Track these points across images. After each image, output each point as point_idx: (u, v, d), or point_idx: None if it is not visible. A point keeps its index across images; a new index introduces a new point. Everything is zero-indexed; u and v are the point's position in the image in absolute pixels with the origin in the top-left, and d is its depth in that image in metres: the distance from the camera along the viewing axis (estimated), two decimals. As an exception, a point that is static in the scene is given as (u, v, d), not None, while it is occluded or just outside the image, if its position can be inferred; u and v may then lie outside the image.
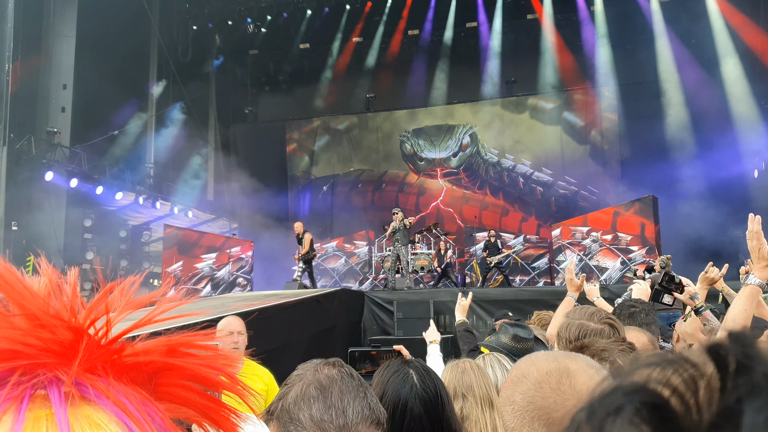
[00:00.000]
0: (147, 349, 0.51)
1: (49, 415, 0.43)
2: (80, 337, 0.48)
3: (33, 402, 0.44)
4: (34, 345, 0.46)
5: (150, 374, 0.50)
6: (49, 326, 0.47)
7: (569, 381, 0.94)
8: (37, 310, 0.48)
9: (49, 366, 0.46)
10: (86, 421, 0.44)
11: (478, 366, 2.40)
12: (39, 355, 0.46)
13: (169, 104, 18.48)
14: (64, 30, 14.68)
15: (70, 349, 0.47)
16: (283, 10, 20.65)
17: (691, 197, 15.72)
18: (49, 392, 0.44)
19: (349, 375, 1.28)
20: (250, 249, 17.40)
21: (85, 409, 0.45)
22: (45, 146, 13.89)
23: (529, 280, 17.61)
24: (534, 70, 19.88)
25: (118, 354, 0.49)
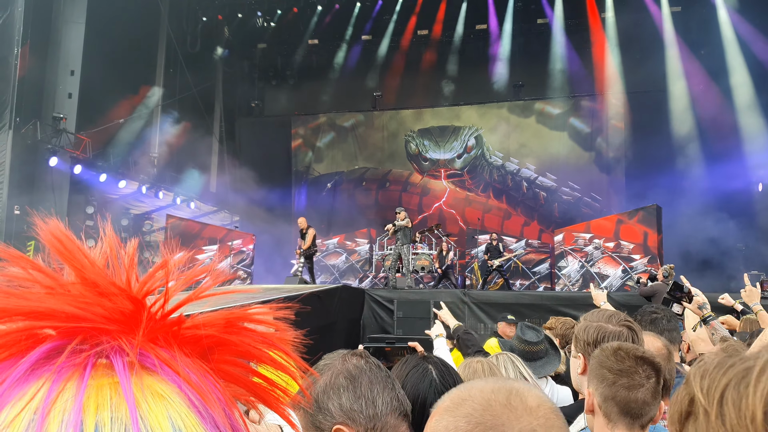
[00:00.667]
0: (207, 321, 0.50)
1: (112, 384, 0.42)
2: (141, 307, 0.48)
3: (96, 370, 0.43)
4: (96, 312, 0.45)
5: (206, 349, 0.50)
6: (109, 295, 0.47)
7: (519, 397, 0.85)
8: (96, 277, 0.48)
9: (112, 334, 0.45)
10: (149, 391, 0.43)
11: (490, 368, 2.39)
12: (101, 323, 0.45)
13: (176, 95, 18.44)
14: (73, 16, 14.66)
15: (131, 319, 0.47)
16: (293, 4, 20.62)
17: (695, 208, 15.70)
18: (112, 361, 0.44)
19: (377, 366, 1.27)
20: (251, 242, 17.39)
21: (147, 379, 0.44)
22: (50, 132, 13.87)
23: (529, 284, 17.61)
24: (542, 75, 19.86)
25: (179, 326, 0.49)
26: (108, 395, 0.42)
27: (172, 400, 0.44)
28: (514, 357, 2.95)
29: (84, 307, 0.45)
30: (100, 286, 0.48)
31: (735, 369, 0.65)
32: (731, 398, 0.62)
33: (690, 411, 0.68)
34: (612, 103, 19.11)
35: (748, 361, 0.65)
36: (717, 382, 0.65)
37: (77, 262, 0.49)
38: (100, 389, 0.42)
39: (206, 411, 0.45)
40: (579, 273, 15.38)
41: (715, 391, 0.64)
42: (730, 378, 0.64)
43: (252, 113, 23.19)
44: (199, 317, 0.50)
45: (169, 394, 0.44)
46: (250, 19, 21.17)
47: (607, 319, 2.27)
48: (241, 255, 16.91)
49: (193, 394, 0.45)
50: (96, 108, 15.08)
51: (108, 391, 0.42)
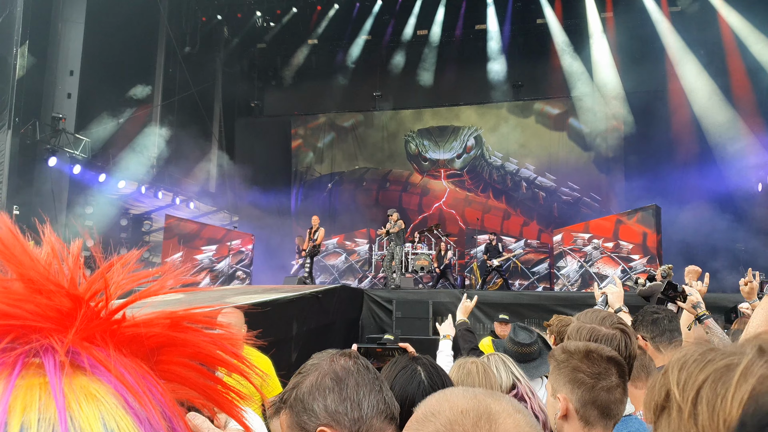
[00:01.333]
0: (149, 320, 0.49)
1: (42, 384, 0.41)
2: (79, 305, 0.47)
3: (26, 369, 0.42)
4: (28, 309, 0.44)
5: (151, 349, 0.48)
6: (46, 292, 0.46)
7: (489, 425, 0.77)
8: (35, 275, 0.47)
9: (44, 332, 0.44)
10: (82, 392, 0.42)
11: (484, 369, 2.39)
12: (33, 320, 0.44)
13: (176, 94, 18.44)
14: (73, 15, 14.66)
15: (68, 317, 0.46)
16: (292, 4, 20.62)
17: (695, 208, 15.69)
18: (43, 360, 0.43)
19: (365, 367, 1.26)
20: (250, 242, 17.39)
21: (81, 379, 0.43)
22: (50, 132, 13.87)
23: (528, 284, 17.59)
24: (541, 75, 19.87)
25: (118, 324, 0.48)
26: (37, 395, 0.41)
27: (106, 401, 0.42)
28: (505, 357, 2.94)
29: (15, 304, 0.44)
30: (36, 282, 0.46)
31: (715, 364, 0.60)
32: (706, 397, 0.58)
33: (665, 405, 0.65)
34: (611, 103, 19.09)
35: (729, 357, 0.60)
36: (694, 378, 0.61)
37: (14, 259, 0.47)
38: (30, 389, 0.41)
39: (143, 413, 0.43)
40: (578, 273, 15.38)
41: (690, 388, 0.60)
42: (709, 374, 0.60)
43: (251, 113, 23.18)
44: (140, 316, 0.49)
45: (103, 394, 0.43)
46: (249, 19, 21.16)
47: (600, 320, 2.26)
48: (240, 255, 16.91)
49: (129, 396, 0.44)
50: (95, 108, 15.08)
51: (38, 391, 0.41)
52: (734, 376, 0.57)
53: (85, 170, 14.52)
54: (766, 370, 0.56)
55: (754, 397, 0.54)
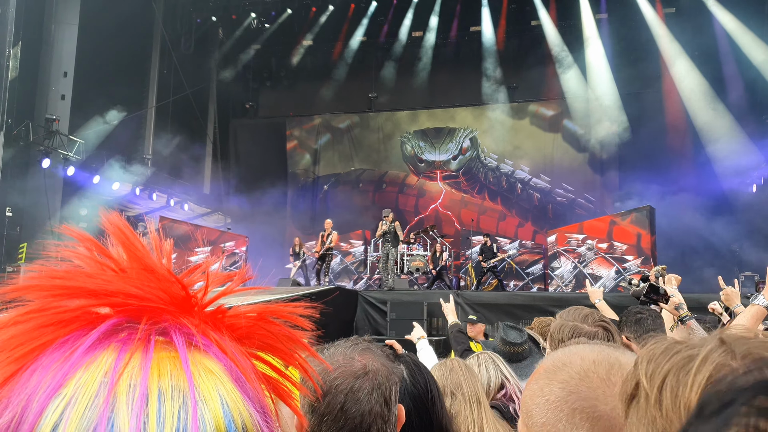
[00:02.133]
0: (245, 312, 0.57)
1: (170, 358, 0.49)
2: (191, 294, 0.55)
3: (156, 345, 0.49)
4: (157, 295, 0.52)
5: (240, 337, 0.56)
6: (164, 281, 0.53)
7: (620, 372, 0.84)
8: (154, 266, 0.55)
9: (173, 314, 0.52)
10: (202, 367, 0.49)
11: (466, 365, 2.40)
12: (162, 304, 0.52)
13: (170, 96, 18.42)
14: (66, 17, 14.63)
15: (185, 303, 0.54)
16: (287, 6, 20.64)
17: (689, 209, 15.72)
18: (173, 337, 0.50)
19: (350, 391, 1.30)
20: (244, 244, 17.36)
21: (199, 356, 0.50)
22: (43, 133, 13.85)
23: (523, 285, 17.61)
24: (536, 77, 19.87)
25: (223, 314, 0.56)
26: (168, 367, 0.48)
27: (221, 376, 0.50)
28: (495, 356, 2.94)
29: (147, 290, 0.51)
30: (157, 272, 0.54)
31: (679, 356, 0.65)
32: (670, 385, 0.62)
33: (634, 394, 0.69)
34: (605, 105, 19.12)
35: (692, 349, 0.64)
36: (660, 368, 0.65)
37: (138, 250, 0.55)
38: (161, 361, 0.48)
39: (246, 386, 0.51)
40: (572, 274, 15.39)
41: (657, 377, 0.65)
42: (673, 365, 0.64)
43: (246, 114, 23.15)
44: (241, 308, 0.58)
45: (218, 371, 0.50)
46: (244, 21, 21.15)
47: (582, 318, 2.25)
48: (234, 257, 16.88)
49: (237, 373, 0.51)
50: (89, 109, 15.05)
51: (168, 363, 0.48)
52: (694, 364, 0.61)
53: (79, 172, 14.49)
54: (723, 359, 0.60)
55: (710, 383, 0.58)
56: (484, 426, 2.21)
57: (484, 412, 2.25)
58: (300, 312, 0.61)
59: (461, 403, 2.23)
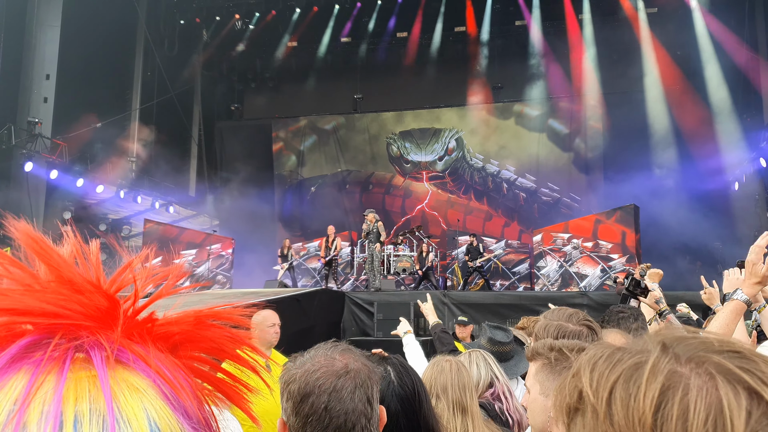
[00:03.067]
0: (179, 319, 0.53)
1: (89, 377, 0.44)
2: (115, 304, 0.50)
3: (73, 364, 0.45)
4: (74, 309, 0.48)
5: (175, 344, 0.52)
6: (85, 292, 0.49)
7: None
8: (73, 276, 0.50)
9: (90, 330, 0.48)
10: (125, 385, 0.45)
11: (457, 367, 2.38)
12: (79, 319, 0.47)
13: (154, 98, 18.30)
14: (48, 19, 14.50)
15: (107, 316, 0.49)
16: (271, 7, 20.55)
17: (673, 207, 15.85)
18: (91, 355, 0.46)
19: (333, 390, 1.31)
20: (230, 246, 17.29)
21: (123, 373, 0.46)
22: (26, 136, 13.71)
23: (509, 284, 17.66)
24: (520, 77, 19.96)
25: (152, 323, 0.52)
26: (86, 388, 0.44)
27: (147, 393, 0.46)
28: (486, 354, 2.95)
29: (62, 304, 0.47)
30: (75, 283, 0.49)
31: (624, 364, 0.61)
32: (620, 397, 0.58)
33: (578, 407, 0.64)
34: (590, 104, 19.25)
35: (636, 356, 0.61)
36: (606, 378, 0.61)
37: (53, 260, 0.50)
38: (79, 382, 0.44)
39: (179, 403, 0.47)
40: (558, 273, 15.47)
41: (603, 388, 0.60)
42: (619, 374, 0.60)
43: (232, 117, 23.05)
44: (172, 315, 0.53)
45: (144, 387, 0.46)
46: (228, 22, 21.06)
47: (567, 317, 2.26)
48: (220, 259, 16.81)
49: (166, 387, 0.47)
50: (72, 112, 14.91)
51: (86, 384, 0.44)
52: (644, 374, 0.58)
53: (63, 175, 14.36)
54: (671, 365, 0.58)
55: (663, 393, 0.56)
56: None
57: (471, 420, 2.25)
58: (239, 312, 0.58)
59: (444, 408, 2.23)
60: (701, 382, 0.55)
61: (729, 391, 0.54)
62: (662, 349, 0.60)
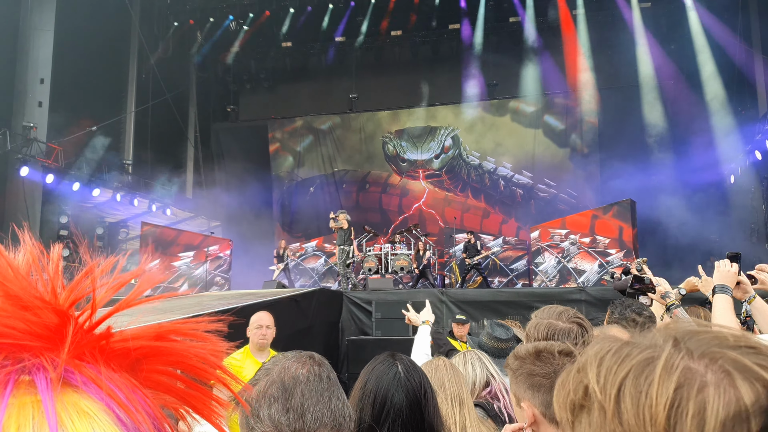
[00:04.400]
0: (137, 334, 0.49)
1: (34, 402, 0.41)
2: (66, 320, 0.46)
3: (17, 388, 0.42)
4: (17, 328, 0.44)
5: (135, 360, 0.49)
6: (32, 308, 0.46)
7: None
8: (19, 290, 0.46)
9: (34, 350, 0.44)
10: (74, 409, 0.42)
11: (451, 364, 2.42)
12: (23, 339, 0.44)
13: (149, 100, 18.27)
14: (41, 23, 14.46)
15: (56, 333, 0.45)
16: (265, 7, 20.53)
17: (669, 201, 15.89)
18: (34, 378, 0.42)
19: (316, 376, 1.27)
20: (228, 248, 17.28)
21: (72, 396, 0.43)
22: (21, 141, 13.68)
23: (507, 281, 17.68)
24: (515, 74, 19.97)
25: (107, 339, 0.48)
26: (30, 414, 0.41)
27: (99, 417, 0.43)
28: (481, 354, 2.96)
29: (4, 323, 0.44)
30: (23, 299, 0.46)
31: (633, 359, 0.57)
32: (629, 394, 0.56)
33: (584, 404, 0.61)
34: (585, 100, 19.26)
35: (646, 351, 0.58)
36: (614, 373, 0.58)
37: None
38: (22, 408, 0.41)
39: (134, 427, 0.44)
40: (556, 269, 15.49)
41: (612, 385, 0.57)
42: (629, 369, 0.57)
43: (228, 118, 23.02)
44: (128, 331, 0.49)
45: (96, 411, 0.43)
46: (222, 23, 21.03)
47: (557, 315, 2.27)
48: (218, 261, 16.80)
49: (121, 411, 0.44)
50: (67, 116, 14.87)
51: (30, 409, 0.41)
52: (656, 370, 0.56)
53: (59, 179, 14.33)
54: (685, 362, 0.56)
55: (678, 391, 0.54)
56: (467, 426, 2.22)
57: (467, 411, 2.27)
58: (203, 328, 0.54)
59: (443, 402, 2.25)
60: (717, 379, 0.53)
61: (747, 388, 0.52)
62: (674, 345, 0.58)
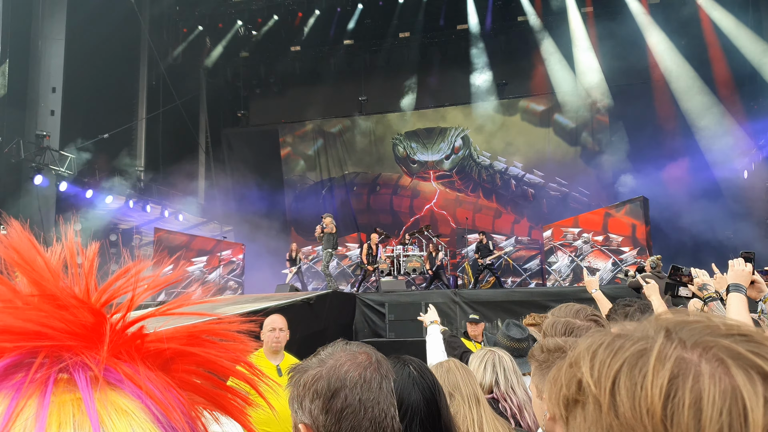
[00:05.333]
0: (171, 335, 0.50)
1: (74, 400, 0.42)
2: (102, 320, 0.48)
3: (57, 386, 0.42)
4: (56, 327, 0.45)
5: (167, 359, 0.50)
6: (69, 307, 0.46)
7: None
8: (57, 290, 0.47)
9: (74, 349, 0.45)
10: (113, 407, 0.43)
11: (462, 365, 2.42)
12: (63, 338, 0.45)
13: (160, 107, 18.39)
14: (53, 33, 14.58)
15: (93, 332, 0.46)
16: (274, 12, 20.60)
17: (682, 198, 15.78)
18: (75, 376, 0.43)
19: (366, 382, 1.29)
20: (241, 252, 17.34)
21: (110, 394, 0.44)
22: (34, 150, 13.80)
23: (521, 281, 17.63)
24: (525, 73, 19.93)
25: (142, 339, 0.49)
26: (71, 412, 0.41)
27: (136, 415, 0.43)
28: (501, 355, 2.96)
29: (44, 322, 0.44)
30: (60, 298, 0.47)
31: (626, 351, 0.57)
32: (624, 386, 0.55)
33: (578, 398, 0.60)
34: (595, 97, 19.18)
35: (639, 343, 0.57)
36: (608, 366, 0.57)
37: (35, 273, 0.48)
38: (62, 406, 0.41)
39: (170, 425, 0.45)
40: (569, 268, 15.42)
41: (606, 378, 0.56)
42: (622, 362, 0.56)
43: (238, 123, 23.12)
44: (163, 331, 0.50)
45: (133, 409, 0.43)
46: (231, 29, 21.12)
47: (574, 314, 2.27)
48: (231, 265, 16.86)
49: (157, 409, 0.44)
50: (79, 124, 15.01)
51: (70, 408, 0.41)
52: (650, 361, 0.55)
53: (72, 187, 14.45)
54: (678, 352, 0.55)
55: (672, 381, 0.53)
56: (484, 424, 2.22)
57: (483, 410, 2.27)
58: (235, 328, 0.54)
59: (460, 403, 2.25)
60: (712, 368, 0.53)
61: (743, 376, 0.51)
62: (666, 335, 0.57)
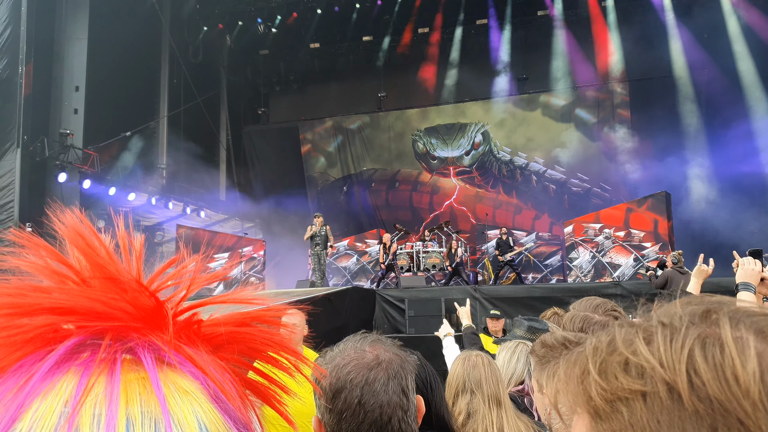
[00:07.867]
0: (226, 320, 0.53)
1: (139, 379, 0.44)
2: (161, 304, 0.50)
3: (122, 365, 0.44)
4: (122, 309, 0.47)
5: (218, 344, 0.52)
6: (130, 291, 0.49)
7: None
8: (118, 273, 0.50)
9: (140, 330, 0.47)
10: (176, 387, 0.45)
11: (489, 361, 2.38)
12: (128, 320, 0.47)
13: (181, 105, 18.55)
14: (76, 32, 14.78)
15: (155, 316, 0.49)
16: (293, 9, 20.66)
17: (705, 193, 15.58)
18: (140, 357, 0.45)
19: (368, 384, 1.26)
20: (261, 248, 17.45)
21: (172, 375, 0.46)
22: (58, 148, 14.00)
23: (541, 277, 17.52)
24: (545, 67, 19.76)
25: (198, 324, 0.52)
26: (137, 390, 0.43)
27: (197, 396, 0.45)
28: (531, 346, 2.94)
29: (110, 304, 0.46)
30: (121, 282, 0.49)
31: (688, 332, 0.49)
32: (703, 368, 0.46)
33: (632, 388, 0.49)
34: (617, 92, 18.99)
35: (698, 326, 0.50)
36: (677, 349, 0.48)
37: (99, 257, 0.50)
38: (129, 384, 0.43)
39: (226, 405, 0.47)
40: (590, 264, 15.30)
41: (678, 361, 0.48)
42: (692, 341, 0.48)
43: (259, 121, 23.24)
44: (219, 316, 0.53)
45: (193, 390, 0.46)
46: (251, 27, 21.23)
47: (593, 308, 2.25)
48: (252, 261, 16.98)
49: (215, 390, 0.47)
50: (102, 122, 15.19)
51: (136, 386, 0.43)
52: (727, 339, 0.47)
53: (95, 184, 14.63)
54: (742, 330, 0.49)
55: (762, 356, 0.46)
56: (504, 426, 2.20)
57: (504, 412, 2.24)
58: (283, 315, 0.57)
59: (480, 403, 2.23)
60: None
61: None
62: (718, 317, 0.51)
